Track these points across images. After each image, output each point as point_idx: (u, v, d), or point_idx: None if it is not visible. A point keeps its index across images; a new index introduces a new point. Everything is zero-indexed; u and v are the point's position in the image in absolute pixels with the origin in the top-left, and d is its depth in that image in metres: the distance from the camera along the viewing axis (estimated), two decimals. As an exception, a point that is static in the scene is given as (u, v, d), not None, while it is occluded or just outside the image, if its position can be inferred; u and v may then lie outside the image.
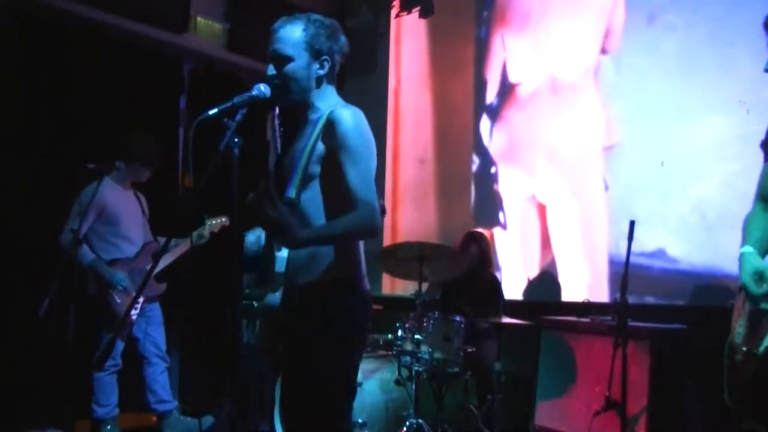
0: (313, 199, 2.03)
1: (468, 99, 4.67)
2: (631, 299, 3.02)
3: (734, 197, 3.32)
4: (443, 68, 4.82)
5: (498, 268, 4.52)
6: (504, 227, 4.42)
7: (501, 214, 4.43)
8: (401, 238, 4.80)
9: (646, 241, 3.60)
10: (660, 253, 3.61)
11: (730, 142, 3.37)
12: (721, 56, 3.43)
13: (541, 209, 4.31)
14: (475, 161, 4.58)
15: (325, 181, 2.03)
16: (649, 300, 3.67)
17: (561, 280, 4.21)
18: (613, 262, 3.86)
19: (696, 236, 3.53)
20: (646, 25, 3.78)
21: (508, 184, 4.41)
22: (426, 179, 4.79)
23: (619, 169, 3.90)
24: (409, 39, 5.09)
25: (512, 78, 4.53)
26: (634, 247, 2.90)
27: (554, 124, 4.26)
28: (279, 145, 2.12)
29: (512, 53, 4.51)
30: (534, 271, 4.34)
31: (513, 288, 4.50)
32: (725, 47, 3.41)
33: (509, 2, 4.64)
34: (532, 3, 4.51)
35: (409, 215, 4.86)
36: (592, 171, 4.02)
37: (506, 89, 4.56)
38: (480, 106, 4.62)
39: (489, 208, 4.50)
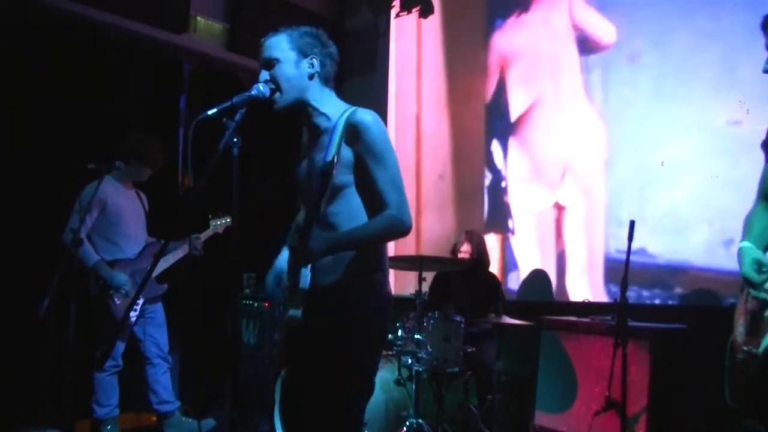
0: (346, 210, 2.03)
1: (480, 122, 5.31)
2: (619, 288, 3.30)
3: (699, 204, 4.03)
4: (458, 97, 5.48)
5: (514, 269, 5.00)
6: (513, 233, 5.04)
7: (510, 222, 5.05)
8: (424, 244, 5.51)
9: None
10: (641, 251, 4.17)
11: (694, 159, 4.09)
12: (685, 89, 4.17)
13: (544, 216, 4.87)
14: (488, 176, 5.23)
15: (362, 189, 2.04)
16: (633, 288, 4.19)
17: (568, 277, 4.72)
18: (608, 259, 4.48)
19: (669, 236, 4.16)
20: (627, 64, 4.48)
21: (517, 196, 5.06)
22: (445, 193, 5.49)
23: (607, 181, 4.57)
24: (428, 70, 5.70)
25: (518, 104, 5.11)
26: (621, 246, 3.26)
27: (557, 143, 4.85)
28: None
29: (516, 82, 5.16)
30: (543, 271, 4.86)
31: (524, 286, 4.93)
32: (688, 82, 4.16)
33: (512, 41, 5.24)
34: (532, 39, 5.11)
35: (431, 224, 5.53)
36: (592, 183, 4.65)
37: (513, 113, 5.14)
38: (490, 129, 5.25)
39: (499, 216, 5.12)
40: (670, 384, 3.42)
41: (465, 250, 4.39)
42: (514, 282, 4.97)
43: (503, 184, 5.10)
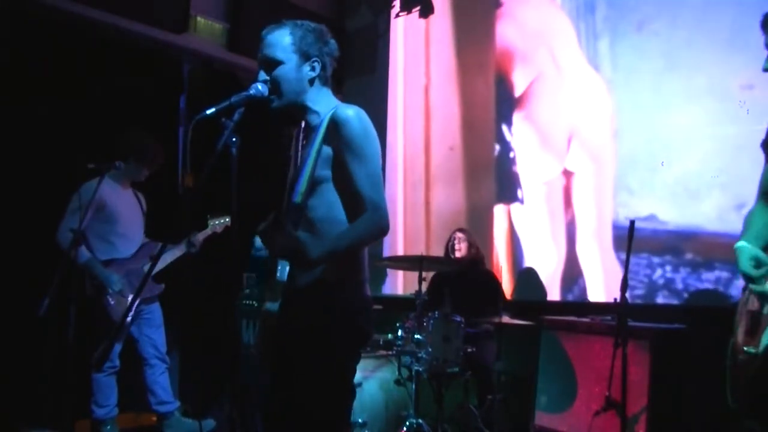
0: (322, 204, 2.03)
1: (490, 93, 5.28)
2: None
3: (709, 170, 4.01)
4: (468, 67, 5.46)
5: (524, 239, 5.00)
6: (522, 202, 5.05)
7: (519, 192, 5.06)
8: (434, 216, 5.51)
9: (640, 208, 4.28)
10: (652, 217, 4.22)
11: (703, 126, 4.06)
12: (694, 57, 4.14)
13: (553, 185, 4.87)
14: (497, 148, 5.22)
15: (338, 183, 2.02)
16: (644, 255, 4.24)
17: (578, 245, 4.71)
18: (616, 227, 4.47)
19: (679, 202, 4.16)
20: (636, 32, 4.44)
21: (526, 166, 5.06)
22: (455, 164, 5.48)
23: (617, 149, 4.54)
24: (437, 40, 5.67)
25: (527, 73, 5.09)
26: (630, 214, 3.26)
27: (567, 112, 4.82)
28: (299, 159, 2.12)
29: (525, 52, 5.13)
30: (549, 241, 4.88)
31: (530, 262, 4.96)
32: (698, 49, 4.12)
33: (521, 10, 5.22)
34: (540, 8, 5.10)
35: (441, 195, 5.54)
36: (601, 151, 4.63)
37: (522, 84, 5.12)
38: (500, 100, 5.22)
39: (509, 187, 5.12)
40: (670, 384, 3.42)
41: (460, 249, 4.39)
42: (523, 255, 4.96)
43: (512, 155, 5.10)
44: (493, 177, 5.19)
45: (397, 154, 5.78)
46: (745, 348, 2.32)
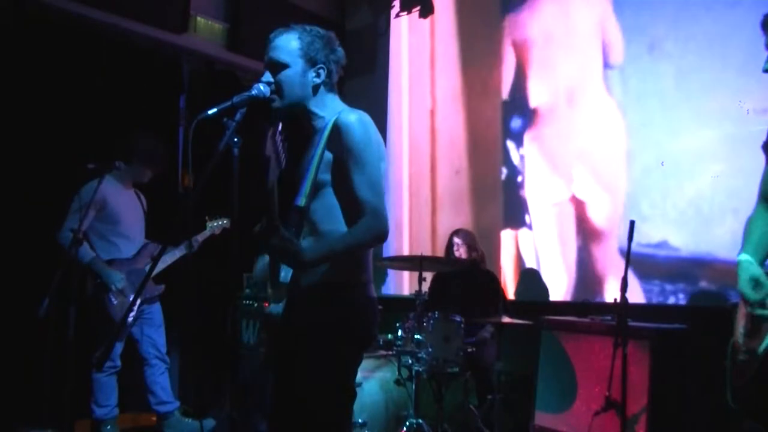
0: (323, 207, 2.03)
1: (497, 116, 5.22)
2: (641, 283, 3.15)
3: (722, 193, 3.96)
4: (474, 90, 5.42)
5: (531, 264, 4.93)
6: (530, 228, 4.97)
7: (527, 217, 4.99)
8: (440, 239, 5.37)
9: (651, 234, 4.19)
10: (664, 244, 4.14)
11: (715, 149, 4.03)
12: (707, 78, 4.09)
13: (562, 210, 4.80)
14: (504, 171, 5.16)
15: (337, 188, 2.02)
16: (656, 282, 4.17)
17: (587, 270, 4.65)
18: (622, 251, 4.33)
19: (692, 227, 4.09)
20: (647, 53, 4.40)
21: (534, 191, 4.99)
22: (461, 188, 5.42)
23: (627, 172, 4.47)
24: (442, 63, 5.65)
25: (534, 98, 5.04)
26: (642, 239, 3.13)
27: (576, 135, 4.77)
28: (283, 160, 2.12)
29: (533, 73, 5.08)
30: (558, 267, 4.82)
31: (536, 285, 4.90)
32: (710, 71, 4.08)
33: (528, 31, 5.15)
34: (547, 30, 5.04)
35: (447, 219, 5.46)
36: (611, 175, 4.56)
37: (529, 107, 5.07)
38: (507, 123, 5.16)
39: (516, 211, 5.05)
40: (670, 384, 3.42)
41: (460, 254, 4.38)
42: (529, 278, 4.88)
43: (519, 179, 5.03)
44: (500, 201, 5.12)
45: (403, 178, 5.72)
46: (746, 349, 2.32)
